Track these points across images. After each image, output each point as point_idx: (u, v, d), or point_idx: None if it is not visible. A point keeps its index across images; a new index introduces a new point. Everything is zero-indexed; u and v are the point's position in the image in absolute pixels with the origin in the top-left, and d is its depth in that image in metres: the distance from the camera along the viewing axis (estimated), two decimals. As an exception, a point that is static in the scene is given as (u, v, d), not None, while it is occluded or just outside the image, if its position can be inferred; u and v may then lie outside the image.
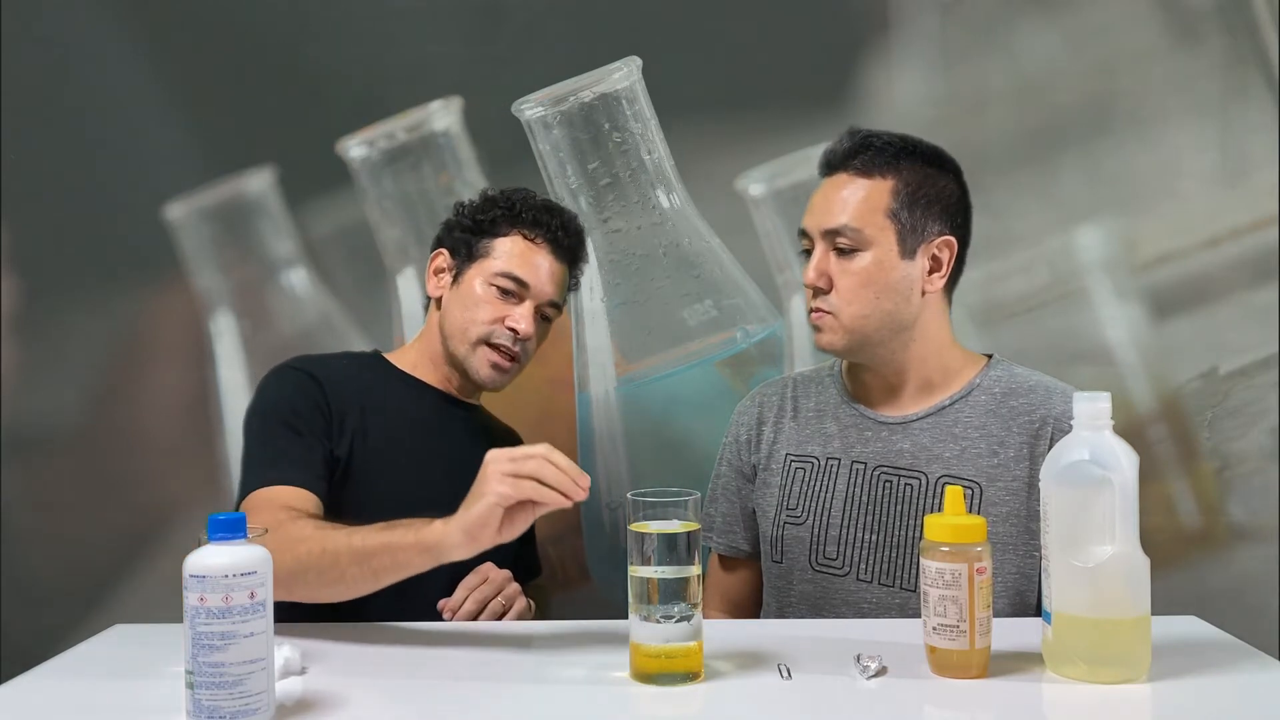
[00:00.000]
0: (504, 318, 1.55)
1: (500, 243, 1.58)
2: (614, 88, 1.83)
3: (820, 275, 1.42)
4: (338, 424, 1.48)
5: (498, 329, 1.55)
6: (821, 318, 1.44)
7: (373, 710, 1.05)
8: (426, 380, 1.61)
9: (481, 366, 1.56)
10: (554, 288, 1.58)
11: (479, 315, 1.55)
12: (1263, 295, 1.82)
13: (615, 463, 1.86)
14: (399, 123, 1.91)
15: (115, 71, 1.97)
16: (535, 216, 1.58)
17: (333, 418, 1.48)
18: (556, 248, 1.59)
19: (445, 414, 1.61)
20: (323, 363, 1.56)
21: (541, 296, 1.57)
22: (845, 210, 1.42)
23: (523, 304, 1.56)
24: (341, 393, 1.51)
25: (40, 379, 1.96)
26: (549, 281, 1.58)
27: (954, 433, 1.44)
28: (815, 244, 1.44)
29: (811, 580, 1.46)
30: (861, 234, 1.41)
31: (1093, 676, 1.06)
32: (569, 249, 1.61)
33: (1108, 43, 1.85)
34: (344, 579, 1.22)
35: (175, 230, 1.94)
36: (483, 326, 1.55)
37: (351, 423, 1.50)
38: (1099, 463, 1.06)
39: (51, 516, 1.97)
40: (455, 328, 1.57)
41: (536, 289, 1.56)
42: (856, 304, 1.41)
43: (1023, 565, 1.40)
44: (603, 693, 1.08)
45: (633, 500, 1.08)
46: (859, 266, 1.41)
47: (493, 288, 1.56)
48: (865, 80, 1.87)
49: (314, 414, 1.47)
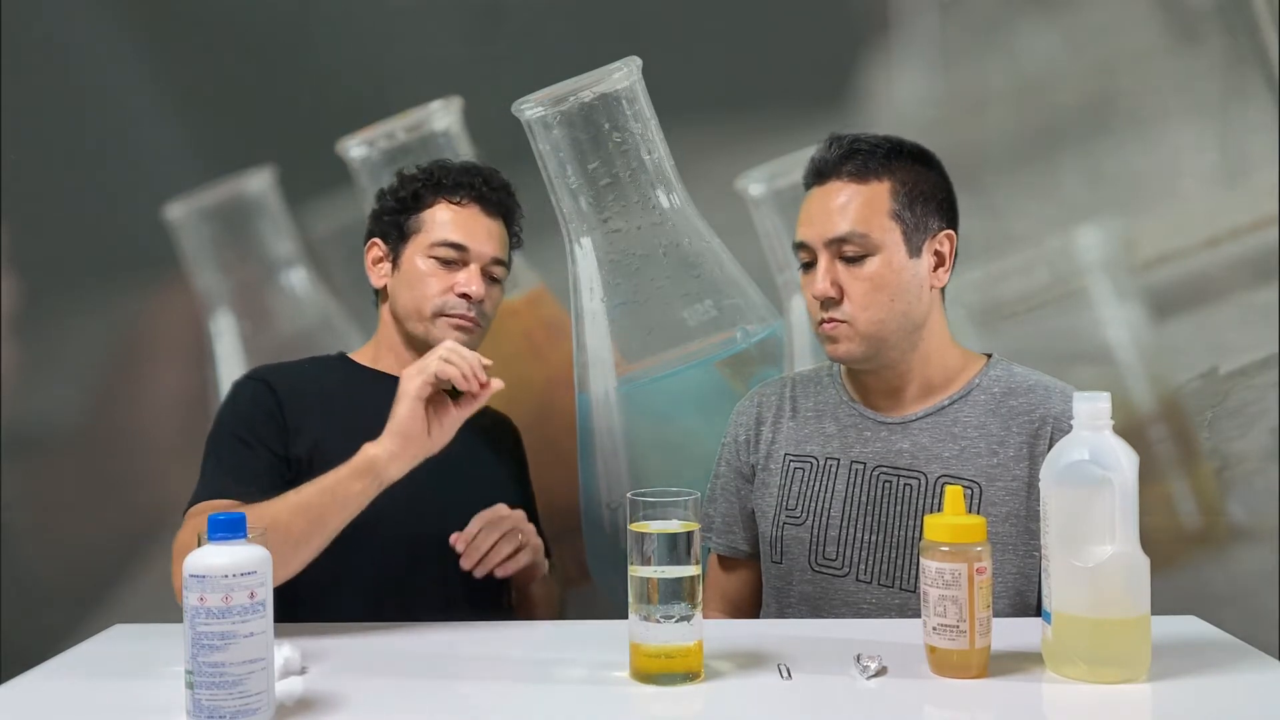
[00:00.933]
0: (452, 285, 1.54)
1: (428, 214, 1.58)
2: (614, 88, 1.83)
3: (832, 286, 1.41)
4: (294, 428, 1.49)
5: (449, 298, 1.54)
6: (836, 328, 1.42)
7: (373, 710, 1.05)
8: (389, 370, 1.58)
9: (445, 335, 1.54)
10: (493, 245, 1.58)
11: (427, 290, 1.55)
12: (1263, 295, 1.82)
13: (615, 463, 1.86)
14: (399, 123, 1.91)
15: (115, 71, 1.97)
16: (456, 179, 1.59)
17: (288, 422, 1.49)
18: (485, 205, 1.59)
19: None
20: (281, 369, 1.58)
21: (483, 257, 1.56)
22: (847, 217, 1.41)
23: (466, 268, 1.55)
24: (299, 397, 1.52)
25: (40, 379, 1.96)
26: (486, 240, 1.57)
27: (953, 432, 1.44)
28: (818, 255, 1.43)
29: (811, 581, 1.46)
30: (869, 239, 1.41)
31: (1093, 676, 1.06)
32: (498, 204, 1.60)
33: (1108, 43, 1.85)
34: (291, 538, 1.24)
35: (175, 230, 1.94)
36: (434, 299, 1.54)
37: (313, 424, 1.50)
38: (1099, 463, 1.06)
39: (51, 516, 1.96)
40: (408, 309, 1.57)
41: (476, 250, 1.56)
42: (872, 309, 1.41)
43: (1023, 565, 1.40)
44: (603, 693, 1.08)
45: (633, 500, 1.08)
46: (869, 272, 1.41)
47: (432, 259, 1.55)
48: (865, 80, 1.87)
49: (266, 422, 1.49)
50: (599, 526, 1.88)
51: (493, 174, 1.62)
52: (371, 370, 1.61)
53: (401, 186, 1.61)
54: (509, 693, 1.10)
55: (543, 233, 1.84)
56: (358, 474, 1.24)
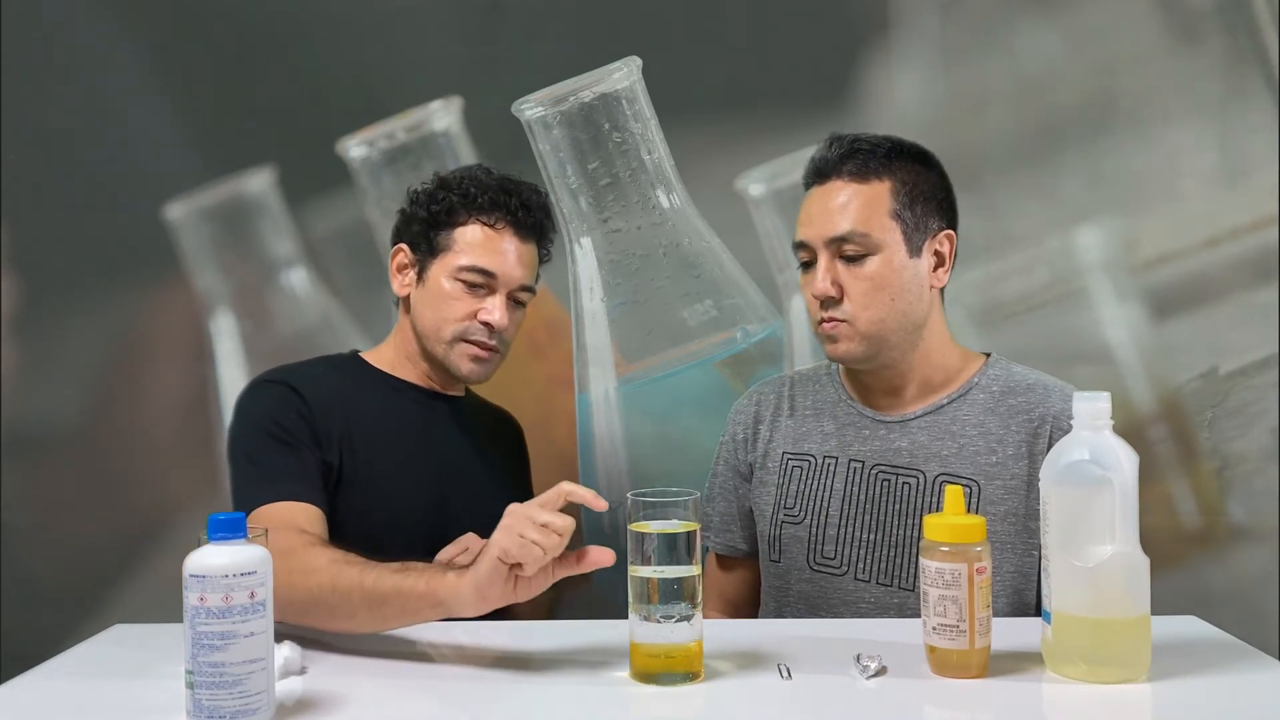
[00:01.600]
0: (476, 312, 1.50)
1: (460, 233, 1.52)
2: (614, 88, 1.83)
3: (832, 285, 1.41)
4: (324, 432, 1.45)
5: (471, 325, 1.51)
6: (835, 327, 1.42)
7: (373, 710, 1.05)
8: (406, 378, 1.57)
9: (462, 362, 1.52)
10: (523, 271, 1.53)
11: (450, 313, 1.51)
12: (1263, 295, 1.82)
13: (615, 463, 1.86)
14: (399, 123, 1.91)
15: (115, 71, 1.97)
16: (492, 199, 1.52)
17: (318, 427, 1.45)
18: (519, 229, 1.53)
19: (428, 410, 1.57)
20: (299, 372, 1.52)
21: (511, 283, 1.52)
22: (847, 216, 1.41)
23: (493, 295, 1.51)
24: (322, 400, 1.47)
25: (40, 379, 1.96)
26: (517, 266, 1.52)
27: (952, 431, 1.44)
28: (818, 254, 1.43)
29: (809, 580, 1.46)
30: (869, 238, 1.40)
31: (1093, 676, 1.06)
32: (533, 227, 1.55)
33: (1108, 43, 1.85)
34: (354, 618, 1.19)
35: (175, 230, 1.94)
36: (456, 324, 1.51)
37: (337, 429, 1.46)
38: (1099, 463, 1.06)
39: (51, 516, 1.96)
40: (428, 328, 1.53)
41: (505, 277, 1.51)
42: (872, 308, 1.41)
43: (1021, 564, 1.40)
44: (603, 693, 1.08)
45: (633, 500, 1.08)
46: (870, 271, 1.41)
47: (459, 283, 1.51)
48: (865, 80, 1.87)
49: (299, 425, 1.44)
50: (599, 526, 1.88)
51: (531, 194, 1.56)
52: (391, 376, 1.57)
53: (435, 197, 1.54)
54: (509, 693, 1.10)
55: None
56: (434, 603, 1.15)
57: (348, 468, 1.46)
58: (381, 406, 1.54)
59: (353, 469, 1.46)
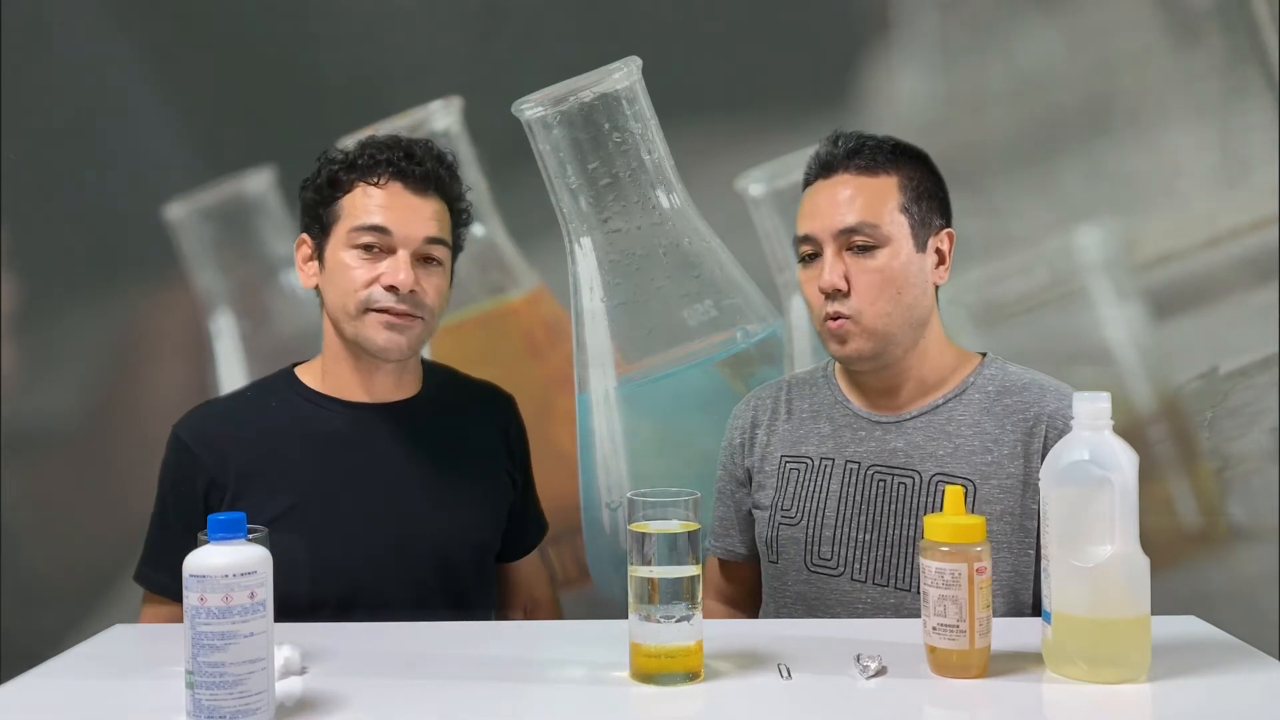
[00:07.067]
0: (377, 277, 1.39)
1: (346, 200, 1.42)
2: (614, 88, 1.83)
3: (840, 277, 1.40)
4: (218, 493, 1.40)
5: (374, 290, 1.39)
6: (842, 325, 1.40)
7: (373, 710, 1.05)
8: (338, 394, 1.47)
9: (375, 334, 1.39)
10: (423, 224, 1.41)
11: (350, 284, 1.39)
12: (1263, 295, 1.82)
13: (615, 463, 1.86)
14: (399, 123, 1.90)
15: (115, 72, 1.97)
16: (372, 156, 1.42)
17: (210, 490, 1.41)
18: (409, 180, 1.41)
19: (364, 426, 1.47)
20: (210, 417, 1.48)
21: (412, 240, 1.40)
22: (855, 208, 1.41)
23: (394, 254, 1.39)
24: (221, 442, 1.42)
25: (40, 379, 1.96)
26: (414, 220, 1.40)
27: (947, 431, 1.44)
28: (824, 247, 1.42)
29: (807, 580, 1.46)
30: (879, 230, 1.40)
31: (1093, 676, 1.06)
32: (425, 177, 1.43)
33: (1108, 43, 1.85)
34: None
35: (175, 230, 1.94)
36: (358, 294, 1.39)
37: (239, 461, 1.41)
38: (1099, 463, 1.06)
39: (51, 516, 1.96)
40: (336, 308, 1.42)
41: (402, 233, 1.39)
42: (880, 302, 1.40)
43: (1017, 564, 1.40)
44: (603, 693, 1.08)
45: (633, 500, 1.08)
46: (878, 264, 1.40)
47: (354, 250, 1.40)
48: (865, 80, 1.87)
49: (179, 497, 1.43)
50: (599, 526, 1.88)
51: (419, 145, 1.45)
52: (321, 395, 1.48)
53: (318, 172, 1.45)
54: (509, 693, 1.10)
55: (543, 233, 1.84)
56: None
57: (245, 493, 1.39)
58: (307, 430, 1.45)
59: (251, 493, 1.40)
